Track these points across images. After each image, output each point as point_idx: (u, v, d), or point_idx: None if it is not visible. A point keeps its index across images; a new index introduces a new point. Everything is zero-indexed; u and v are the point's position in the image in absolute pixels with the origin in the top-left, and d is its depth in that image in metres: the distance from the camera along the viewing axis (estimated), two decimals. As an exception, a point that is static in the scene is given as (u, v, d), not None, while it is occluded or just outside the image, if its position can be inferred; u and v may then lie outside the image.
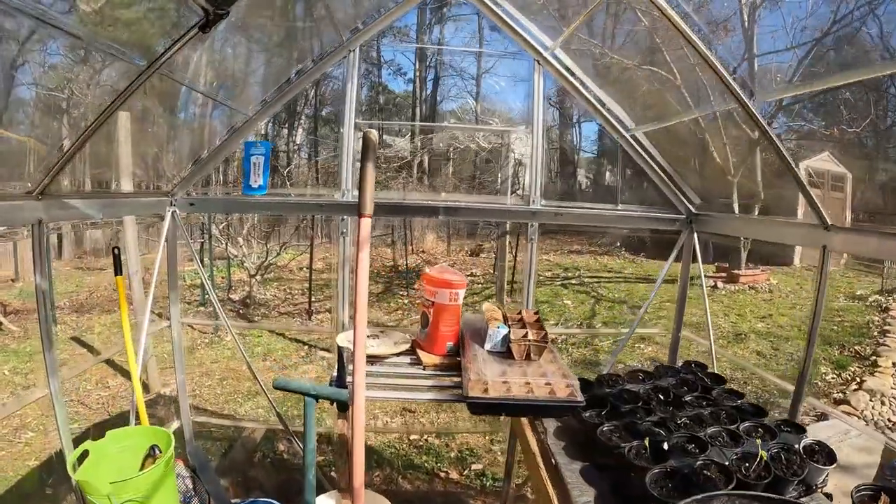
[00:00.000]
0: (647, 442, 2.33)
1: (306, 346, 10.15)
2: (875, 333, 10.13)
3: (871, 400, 7.35)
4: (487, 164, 20.34)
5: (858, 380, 8.05)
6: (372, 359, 3.07)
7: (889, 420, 7.00)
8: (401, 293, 14.44)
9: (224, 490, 4.87)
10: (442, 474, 5.52)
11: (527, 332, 2.86)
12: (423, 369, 3.00)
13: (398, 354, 3.18)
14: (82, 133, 2.71)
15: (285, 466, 5.51)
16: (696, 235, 4.09)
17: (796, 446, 2.37)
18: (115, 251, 3.45)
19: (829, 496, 2.32)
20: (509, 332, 2.87)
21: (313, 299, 12.84)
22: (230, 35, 3.56)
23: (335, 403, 2.71)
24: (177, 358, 4.31)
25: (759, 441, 2.33)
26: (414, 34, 24.35)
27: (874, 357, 8.93)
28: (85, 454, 2.76)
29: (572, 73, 3.94)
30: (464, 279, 3.08)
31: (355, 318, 2.34)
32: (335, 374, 2.86)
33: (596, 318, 11.79)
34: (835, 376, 8.31)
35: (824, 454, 2.36)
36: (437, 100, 28.03)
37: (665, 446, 2.31)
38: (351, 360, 2.53)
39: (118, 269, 3.43)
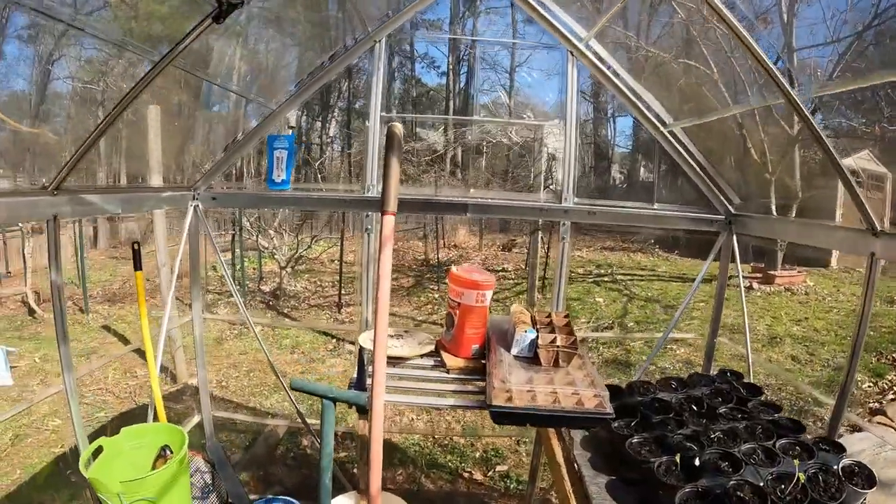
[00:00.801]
0: (677, 458, 2.21)
1: (334, 339, 10.12)
2: (914, 340, 9.79)
3: (908, 411, 7.05)
4: (521, 159, 20.17)
5: (896, 389, 7.76)
6: (394, 360, 2.98)
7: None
8: (431, 287, 14.38)
9: (244, 485, 4.85)
10: (466, 475, 5.44)
11: (555, 338, 2.74)
12: (447, 373, 2.89)
13: (422, 356, 3.08)
14: (95, 129, 2.64)
15: (308, 463, 5.47)
16: (735, 237, 3.91)
17: (835, 467, 2.21)
18: (135, 246, 3.41)
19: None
20: (537, 336, 2.75)
21: (343, 292, 12.82)
22: (255, 25, 3.50)
23: (354, 405, 2.63)
24: (198, 353, 4.28)
25: (797, 462, 2.19)
26: (447, 27, 24.24)
27: (912, 365, 8.61)
28: (99, 450, 2.75)
29: (607, 65, 3.77)
30: (492, 279, 2.96)
31: (376, 319, 2.24)
32: (355, 375, 2.77)
33: (628, 316, 11.58)
34: (871, 385, 8.00)
35: (863, 477, 2.20)
36: (470, 93, 27.86)
37: (696, 462, 2.19)
38: (372, 361, 2.44)
39: (137, 265, 3.40)
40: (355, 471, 4.84)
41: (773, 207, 4.31)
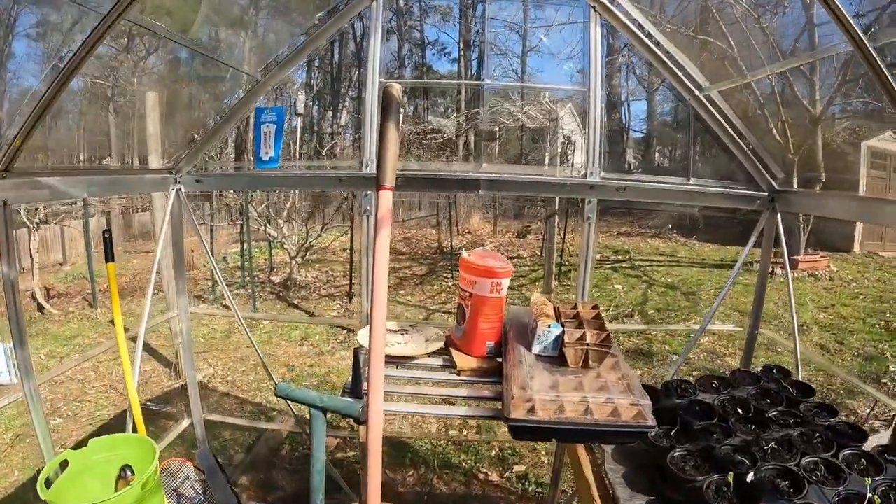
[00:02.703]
0: (730, 477, 1.84)
1: (345, 331, 9.82)
2: (951, 326, 9.36)
3: (948, 401, 6.63)
4: (535, 144, 19.91)
5: (935, 378, 7.31)
6: (398, 360, 2.62)
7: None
8: (445, 275, 14.09)
9: (244, 489, 4.61)
10: (481, 475, 5.10)
11: (584, 334, 2.34)
12: (458, 374, 2.52)
13: (430, 355, 2.71)
14: (44, 93, 2.28)
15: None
16: (779, 216, 3.48)
17: (905, 484, 1.86)
18: (105, 235, 3.12)
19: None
20: (563, 332, 2.36)
21: (354, 281, 12.54)
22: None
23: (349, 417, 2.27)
24: (185, 353, 3.97)
25: (868, 481, 1.81)
26: (457, 12, 24.01)
27: (951, 353, 8.17)
28: (65, 464, 2.53)
29: (634, 22, 3.34)
30: (508, 266, 2.58)
31: (372, 316, 1.87)
32: (349, 379, 2.41)
33: (648, 304, 11.21)
34: (914, 373, 7.61)
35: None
36: (482, 79, 27.57)
37: (749, 479, 1.83)
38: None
39: (109, 256, 3.11)
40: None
41: (796, 186, 3.95)
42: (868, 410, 6.24)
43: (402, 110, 1.93)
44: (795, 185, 3.84)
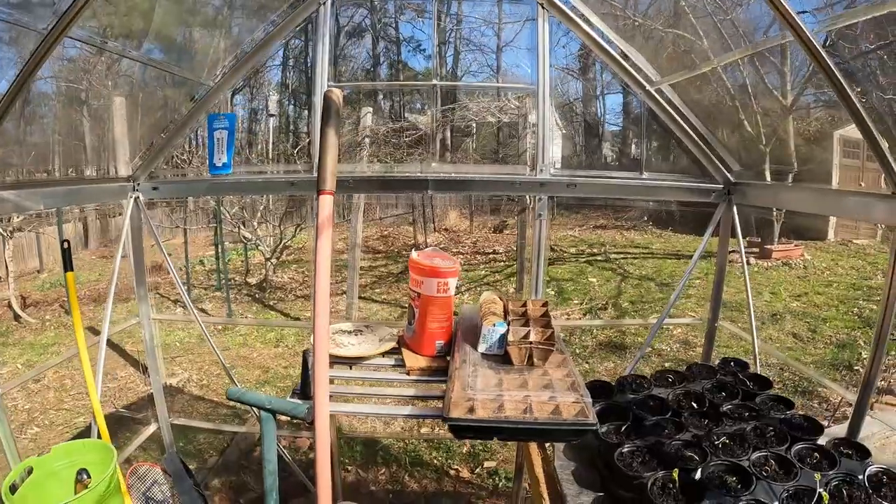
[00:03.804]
0: (675, 474, 1.84)
1: (321, 331, 9.76)
2: (921, 315, 9.44)
3: (917, 389, 6.68)
4: (511, 139, 19.91)
5: (903, 366, 7.36)
6: (350, 361, 2.62)
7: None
8: (420, 273, 14.03)
9: (216, 491, 4.63)
10: (452, 472, 5.11)
11: (529, 332, 2.34)
12: (408, 374, 2.52)
13: (383, 355, 2.71)
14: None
15: (283, 467, 5.14)
16: (735, 209, 3.50)
17: (860, 477, 1.86)
18: (64, 245, 3.12)
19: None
20: (507, 331, 2.36)
21: (331, 281, 12.43)
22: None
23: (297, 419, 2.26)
24: (150, 360, 3.97)
25: (818, 476, 1.82)
26: (430, 7, 23.91)
27: (920, 341, 8.25)
28: (31, 471, 2.60)
29: (584, 18, 3.34)
30: (455, 265, 2.58)
31: (315, 318, 1.87)
32: (299, 382, 2.40)
33: (622, 296, 11.22)
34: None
35: (894, 487, 1.86)
36: (457, 75, 27.55)
37: (697, 475, 1.83)
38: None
39: (68, 265, 3.12)
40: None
41: (768, 177, 3.99)
42: (840, 398, 6.28)
43: (341, 115, 1.92)
44: (768, 176, 3.85)
